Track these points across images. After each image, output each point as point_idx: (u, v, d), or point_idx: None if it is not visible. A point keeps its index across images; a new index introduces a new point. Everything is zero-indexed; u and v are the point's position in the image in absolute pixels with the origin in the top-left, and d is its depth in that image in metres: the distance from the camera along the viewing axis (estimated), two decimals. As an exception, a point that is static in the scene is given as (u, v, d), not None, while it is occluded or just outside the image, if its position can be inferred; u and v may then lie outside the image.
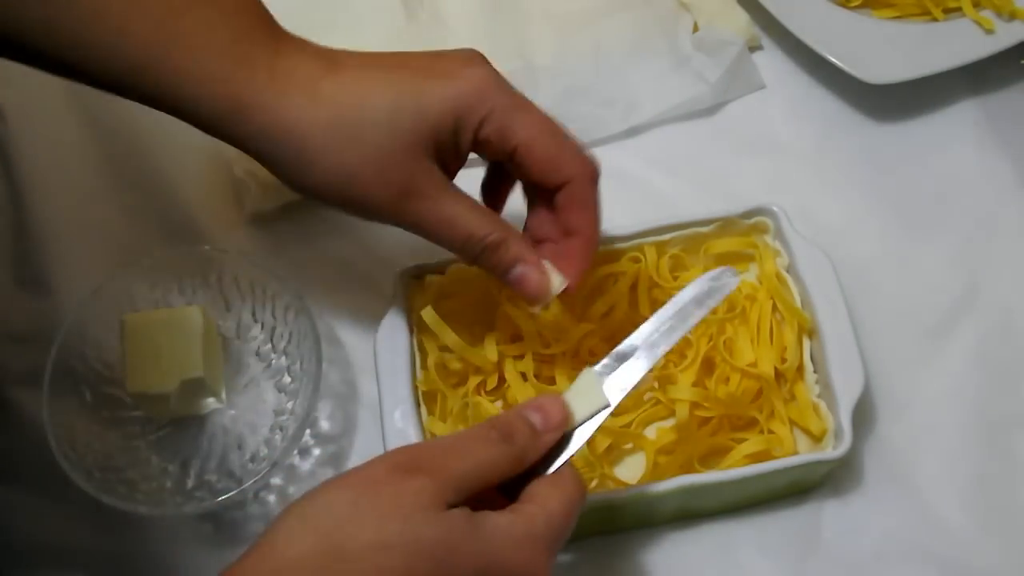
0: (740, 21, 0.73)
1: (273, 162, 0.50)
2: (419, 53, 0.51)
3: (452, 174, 0.52)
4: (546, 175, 0.52)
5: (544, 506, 0.44)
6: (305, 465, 0.62)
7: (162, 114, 0.73)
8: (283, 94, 0.48)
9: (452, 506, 0.42)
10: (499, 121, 0.50)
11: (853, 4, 0.72)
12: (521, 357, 0.59)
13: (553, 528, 0.44)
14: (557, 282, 0.53)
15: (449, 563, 0.40)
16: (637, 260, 0.61)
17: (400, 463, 0.42)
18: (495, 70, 0.51)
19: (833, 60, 0.68)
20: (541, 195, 0.54)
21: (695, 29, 0.73)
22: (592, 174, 0.53)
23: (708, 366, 0.59)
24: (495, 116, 0.50)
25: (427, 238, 0.52)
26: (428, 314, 0.57)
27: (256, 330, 0.63)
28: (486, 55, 0.71)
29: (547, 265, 0.53)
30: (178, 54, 0.48)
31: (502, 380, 0.60)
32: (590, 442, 0.56)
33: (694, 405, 0.58)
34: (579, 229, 0.53)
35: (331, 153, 0.48)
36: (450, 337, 0.57)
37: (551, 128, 0.52)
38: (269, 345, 0.63)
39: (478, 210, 0.52)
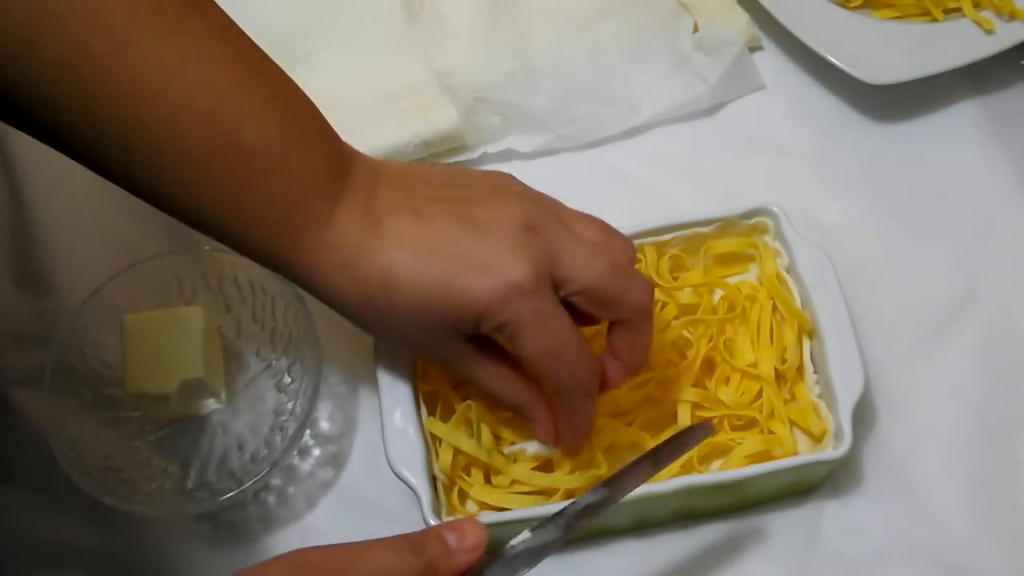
0: (740, 21, 0.73)
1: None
2: (463, 230, 0.50)
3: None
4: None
5: None
6: (305, 465, 0.62)
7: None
8: (323, 273, 0.50)
9: None
10: (516, 328, 0.49)
11: (853, 4, 0.71)
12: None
13: None
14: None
15: None
16: (637, 260, 0.61)
17: (293, 562, 0.41)
18: (536, 252, 0.49)
19: (833, 60, 0.68)
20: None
21: (695, 29, 0.73)
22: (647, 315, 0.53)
23: (708, 366, 0.59)
24: (512, 326, 0.49)
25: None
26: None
27: (256, 330, 0.63)
28: (486, 55, 0.72)
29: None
30: (235, 226, 0.49)
31: (502, 380, 0.60)
32: (592, 440, 0.56)
33: (694, 405, 0.58)
34: (612, 378, 0.55)
35: (367, 322, 0.52)
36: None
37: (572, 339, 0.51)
38: (269, 345, 0.63)
39: (509, 378, 0.53)
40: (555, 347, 0.50)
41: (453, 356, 0.52)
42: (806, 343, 0.59)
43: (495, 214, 0.50)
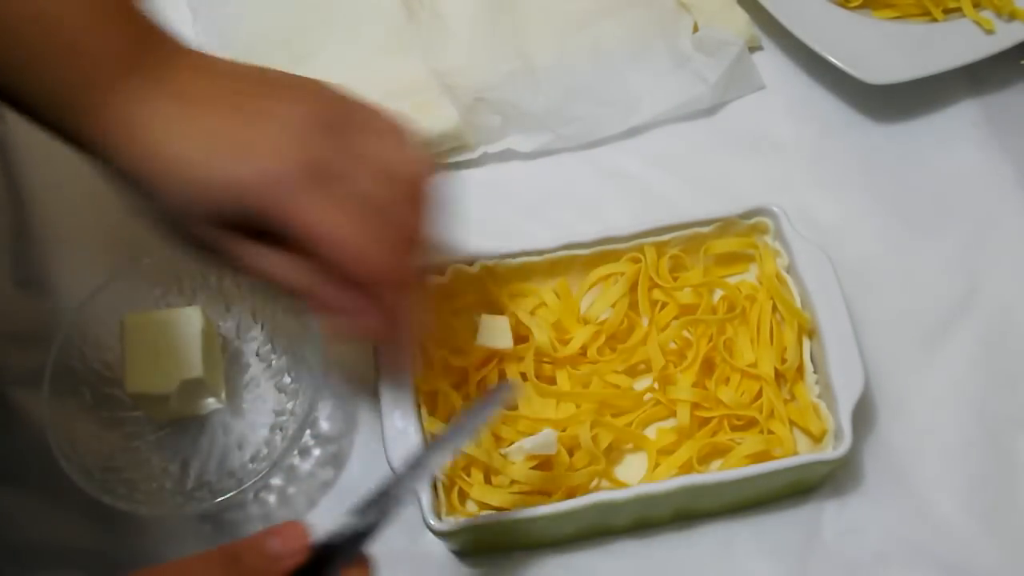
0: (740, 21, 0.73)
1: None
2: (246, 119, 0.48)
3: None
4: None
5: None
6: (305, 465, 0.62)
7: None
8: (107, 146, 0.48)
9: None
10: (294, 218, 0.46)
11: (853, 4, 0.72)
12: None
13: None
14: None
15: None
16: (637, 260, 0.61)
17: None
18: (327, 147, 0.47)
19: (833, 60, 0.68)
20: None
21: (695, 29, 0.73)
22: (401, 280, 0.49)
23: (708, 366, 0.59)
24: (291, 213, 0.46)
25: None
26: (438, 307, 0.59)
27: (256, 330, 0.63)
28: (486, 55, 0.72)
29: None
30: (29, 94, 0.49)
31: (503, 380, 0.60)
32: (593, 438, 0.56)
33: (694, 405, 0.58)
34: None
35: (150, 199, 0.48)
36: (457, 331, 0.58)
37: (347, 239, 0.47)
38: (269, 345, 0.63)
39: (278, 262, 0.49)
40: (329, 233, 0.46)
41: (223, 241, 0.48)
42: (806, 343, 0.59)
43: (287, 107, 0.48)
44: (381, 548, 0.59)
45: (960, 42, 0.69)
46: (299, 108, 0.48)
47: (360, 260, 0.47)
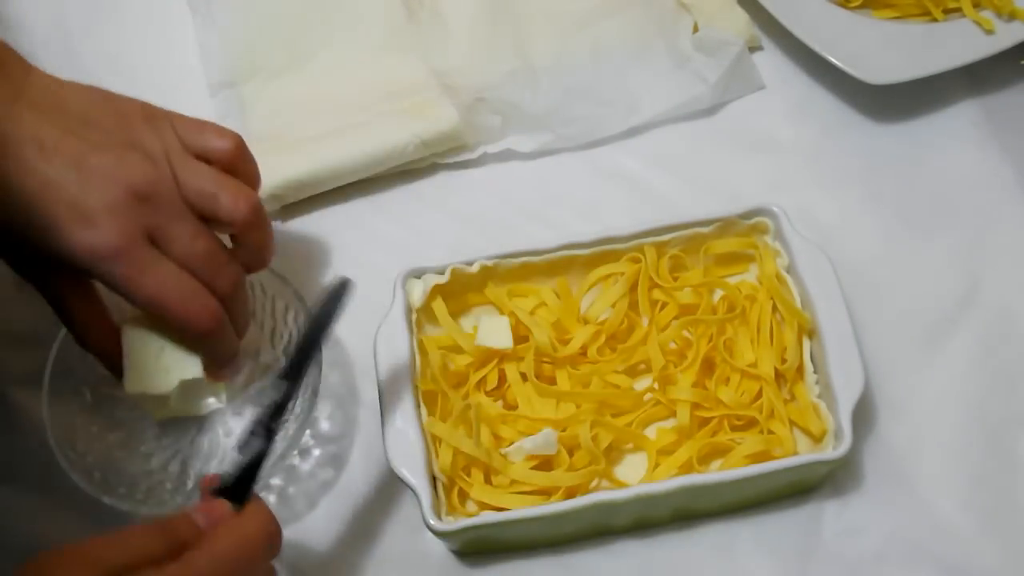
0: (740, 21, 0.73)
1: None
2: (77, 177, 0.52)
3: None
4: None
5: (210, 547, 0.45)
6: (305, 466, 0.62)
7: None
8: None
9: None
10: (113, 282, 0.52)
11: (853, 4, 0.72)
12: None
13: (219, 565, 0.44)
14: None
15: None
16: (637, 260, 0.61)
17: (50, 558, 0.44)
18: (133, 223, 0.52)
19: (833, 60, 0.68)
20: None
21: (695, 29, 0.73)
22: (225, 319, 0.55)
23: (708, 367, 0.59)
24: (108, 279, 0.52)
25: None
26: (439, 306, 0.59)
27: (256, 330, 0.63)
28: (486, 55, 0.72)
29: None
30: None
31: (502, 380, 0.60)
32: (593, 438, 0.56)
33: (694, 406, 0.58)
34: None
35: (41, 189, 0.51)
36: (457, 331, 0.58)
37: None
38: (269, 345, 0.63)
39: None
40: (157, 296, 0.52)
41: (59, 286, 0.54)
42: (806, 343, 0.59)
43: (111, 169, 0.52)
44: (381, 548, 0.59)
45: (960, 42, 0.69)
46: (127, 172, 0.52)
47: (188, 319, 0.53)
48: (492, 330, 0.60)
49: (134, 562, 0.43)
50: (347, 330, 0.65)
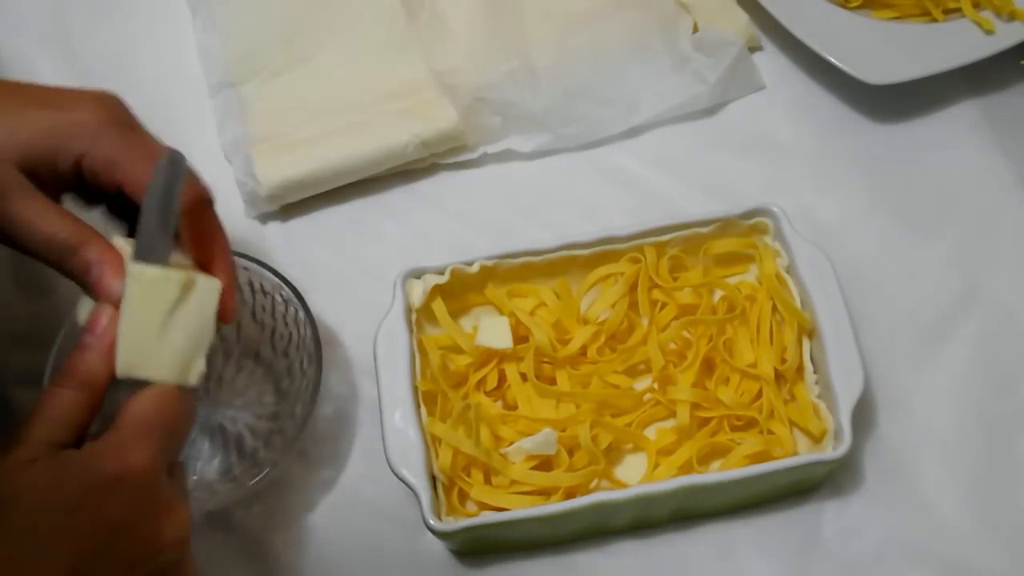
0: (740, 21, 0.73)
1: None
2: (46, 88, 0.52)
3: (54, 197, 0.51)
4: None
5: (127, 411, 0.45)
6: (305, 466, 0.62)
7: (162, 114, 0.73)
8: None
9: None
10: (106, 154, 0.50)
11: (853, 4, 0.72)
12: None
13: (140, 421, 0.45)
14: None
15: (45, 500, 0.42)
16: (637, 260, 0.61)
17: None
18: (123, 112, 0.51)
19: (833, 60, 0.68)
20: None
21: (695, 29, 0.73)
22: (207, 198, 0.52)
23: (708, 367, 0.59)
24: (101, 149, 0.50)
25: (13, 243, 0.50)
26: (439, 306, 0.59)
27: (256, 331, 0.63)
28: (486, 55, 0.72)
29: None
30: None
31: (502, 380, 0.60)
32: (593, 438, 0.56)
33: (694, 406, 0.58)
34: (214, 254, 0.52)
35: None
36: (457, 331, 0.58)
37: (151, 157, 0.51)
38: (269, 346, 0.63)
39: (64, 214, 0.50)
40: (143, 169, 0.49)
41: (9, 188, 0.49)
42: (806, 343, 0.59)
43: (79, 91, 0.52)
44: (381, 548, 0.59)
45: (960, 42, 0.69)
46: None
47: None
48: (492, 330, 0.60)
49: (51, 417, 0.44)
50: (347, 330, 0.65)
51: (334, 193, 0.69)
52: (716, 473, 0.55)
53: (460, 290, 0.62)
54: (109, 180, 0.50)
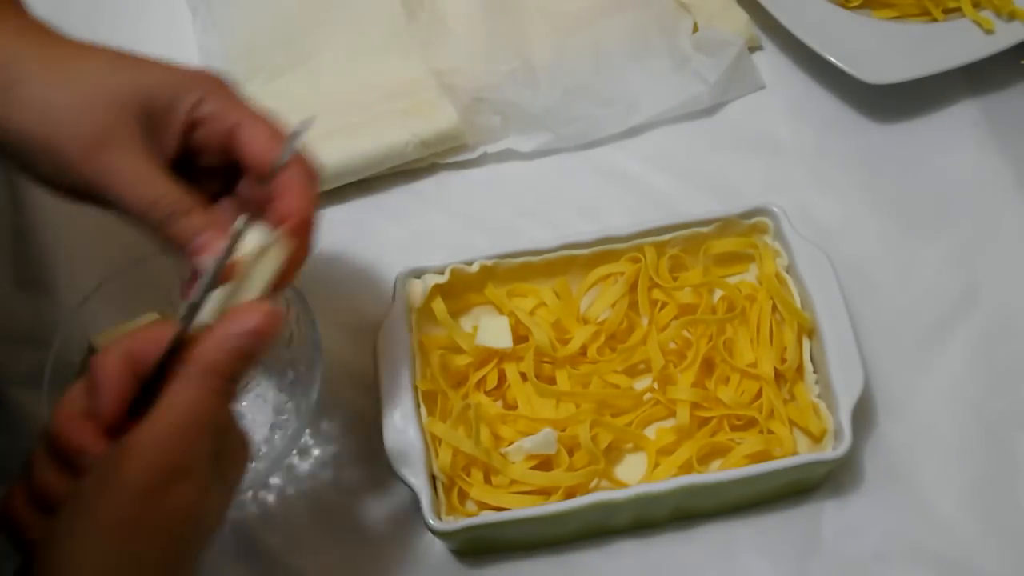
0: (740, 21, 0.73)
1: None
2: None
3: (163, 153, 0.51)
4: (263, 154, 0.50)
5: (171, 390, 0.43)
6: (304, 465, 0.62)
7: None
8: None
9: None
10: (216, 103, 0.50)
11: (853, 4, 0.72)
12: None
13: (182, 407, 0.43)
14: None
15: (121, 482, 0.41)
16: (637, 260, 0.61)
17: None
18: (226, 82, 0.52)
19: (833, 60, 0.68)
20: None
21: (695, 29, 0.73)
22: (309, 167, 0.51)
23: (708, 366, 0.59)
24: (212, 99, 0.50)
25: (112, 201, 0.49)
26: (439, 306, 0.59)
27: (256, 330, 0.63)
28: (486, 55, 0.72)
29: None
30: None
31: (502, 380, 0.60)
32: (592, 438, 0.56)
33: (694, 405, 0.58)
34: (292, 213, 0.50)
35: (37, 87, 0.49)
36: (457, 331, 0.58)
37: (270, 121, 0.51)
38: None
39: (171, 178, 0.50)
40: (265, 115, 0.50)
41: (123, 139, 0.49)
42: (806, 343, 0.59)
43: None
44: (381, 548, 0.59)
45: (960, 42, 0.69)
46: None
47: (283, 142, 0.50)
48: (492, 330, 0.60)
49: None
50: (347, 329, 0.65)
51: (334, 193, 0.69)
52: (716, 473, 0.55)
53: (460, 290, 0.62)
54: (217, 128, 0.50)
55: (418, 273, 0.61)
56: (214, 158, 0.51)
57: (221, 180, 0.53)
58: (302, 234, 0.50)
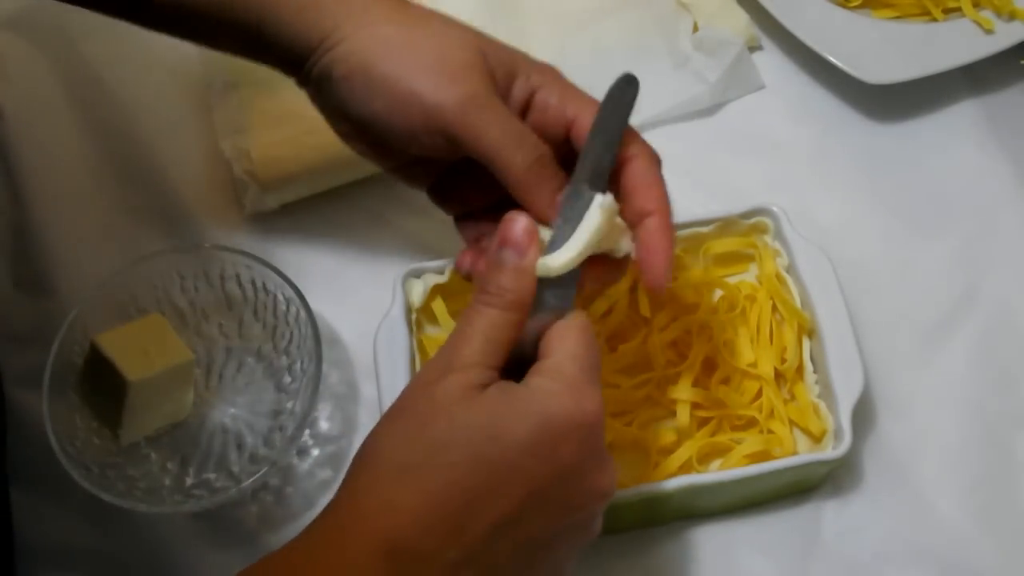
0: (740, 21, 0.73)
1: (343, 79, 0.51)
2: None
3: None
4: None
5: (563, 350, 0.44)
6: (304, 465, 0.62)
7: (163, 114, 0.74)
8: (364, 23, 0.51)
9: (486, 386, 0.42)
10: (560, 91, 0.51)
11: (853, 4, 0.72)
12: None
13: (582, 364, 0.44)
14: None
15: (504, 433, 0.41)
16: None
17: (427, 380, 0.43)
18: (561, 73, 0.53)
19: (833, 60, 0.68)
20: None
21: (695, 29, 0.73)
22: (654, 154, 0.52)
23: (708, 366, 0.59)
24: (556, 87, 0.51)
25: (483, 154, 0.49)
26: (439, 306, 0.59)
27: (257, 329, 0.63)
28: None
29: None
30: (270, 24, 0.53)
31: (502, 380, 0.60)
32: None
33: (694, 405, 0.58)
34: (652, 208, 0.50)
35: (402, 55, 0.50)
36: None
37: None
38: (270, 344, 0.63)
39: (532, 134, 0.51)
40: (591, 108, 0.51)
41: (489, 95, 0.50)
42: (806, 343, 0.59)
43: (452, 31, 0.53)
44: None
45: (960, 42, 0.69)
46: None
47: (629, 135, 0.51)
48: None
49: (491, 339, 0.43)
50: (347, 330, 0.65)
51: (334, 192, 0.69)
52: (716, 473, 0.55)
53: (460, 290, 0.61)
54: (557, 116, 0.51)
55: (418, 273, 0.61)
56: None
57: (471, 199, 0.54)
58: (669, 227, 0.50)
